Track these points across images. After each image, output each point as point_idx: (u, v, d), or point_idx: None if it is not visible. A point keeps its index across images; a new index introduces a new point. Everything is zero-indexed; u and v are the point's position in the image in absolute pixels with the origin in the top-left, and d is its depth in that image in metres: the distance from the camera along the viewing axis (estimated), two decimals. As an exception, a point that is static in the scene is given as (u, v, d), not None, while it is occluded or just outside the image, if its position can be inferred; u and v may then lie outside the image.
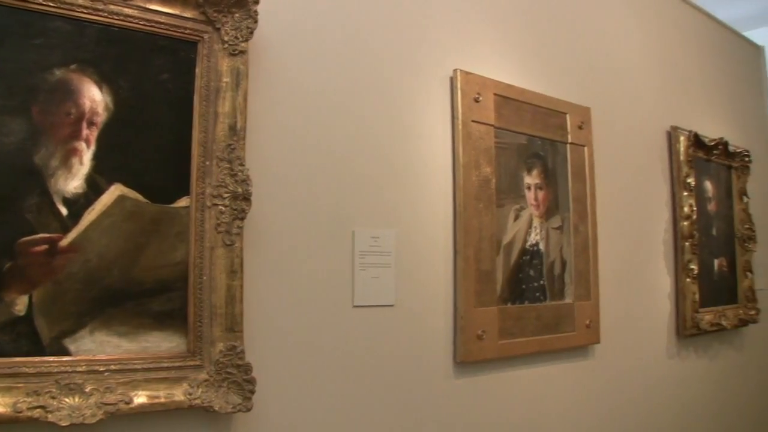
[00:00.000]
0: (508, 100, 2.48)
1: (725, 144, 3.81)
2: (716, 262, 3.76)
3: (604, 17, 3.20)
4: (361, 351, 1.97)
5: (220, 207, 1.61)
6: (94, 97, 1.47)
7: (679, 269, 3.37)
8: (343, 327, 1.93)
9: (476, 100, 2.35)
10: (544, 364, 2.59)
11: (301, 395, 1.82)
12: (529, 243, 2.53)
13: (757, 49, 4.87)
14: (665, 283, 3.34)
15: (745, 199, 4.01)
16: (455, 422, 2.23)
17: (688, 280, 3.37)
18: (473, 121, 2.33)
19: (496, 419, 2.38)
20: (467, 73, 2.34)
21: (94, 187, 1.45)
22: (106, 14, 1.50)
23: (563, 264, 2.67)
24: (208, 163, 1.61)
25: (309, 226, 1.88)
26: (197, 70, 1.63)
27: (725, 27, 4.41)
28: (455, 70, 2.32)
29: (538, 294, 2.56)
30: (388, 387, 2.03)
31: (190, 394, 1.54)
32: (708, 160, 3.72)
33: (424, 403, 2.13)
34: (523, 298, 2.49)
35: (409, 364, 2.10)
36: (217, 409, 1.56)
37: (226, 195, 1.61)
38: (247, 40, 1.68)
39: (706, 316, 3.48)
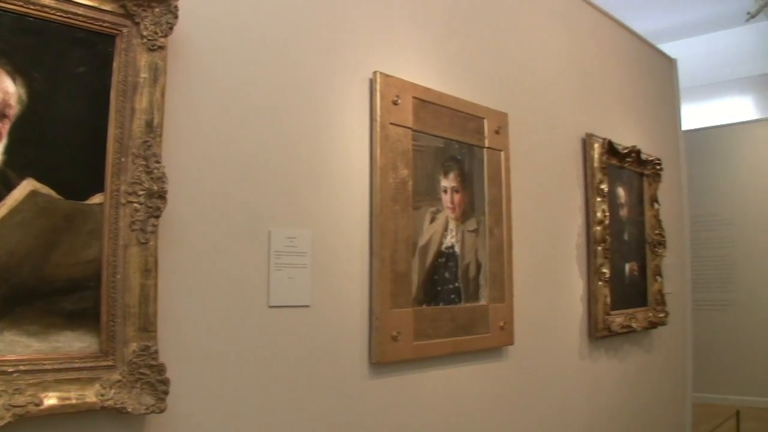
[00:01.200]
0: (427, 103, 2.66)
1: (638, 152, 4.13)
2: (627, 266, 4.08)
3: (524, 25, 3.43)
4: (276, 351, 2.08)
5: (135, 204, 1.68)
6: (7, 88, 1.51)
7: (592, 273, 3.65)
8: (258, 327, 2.04)
9: (395, 103, 2.50)
10: (459, 365, 2.78)
11: (216, 396, 1.92)
12: (444, 245, 2.70)
13: (671, 61, 5.28)
14: (578, 286, 3.61)
15: (656, 206, 4.36)
16: (370, 423, 2.37)
17: (600, 283, 3.65)
18: (391, 123, 2.48)
19: (410, 420, 2.54)
20: (387, 75, 2.49)
21: (4, 182, 1.50)
22: (21, 3, 1.53)
23: (478, 266, 2.87)
24: (123, 159, 1.68)
25: (225, 225, 1.97)
26: (115, 65, 1.69)
27: (641, 39, 4.77)
28: (375, 72, 2.46)
29: (453, 296, 2.74)
30: (303, 387, 2.15)
31: (102, 395, 1.59)
32: (621, 167, 4.02)
33: (339, 404, 2.27)
34: (438, 299, 2.66)
35: (324, 364, 2.23)
36: (130, 410, 1.62)
37: (141, 192, 1.68)
38: (166, 36, 1.75)
39: (617, 319, 3.77)
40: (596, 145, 3.78)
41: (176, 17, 1.76)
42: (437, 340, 2.62)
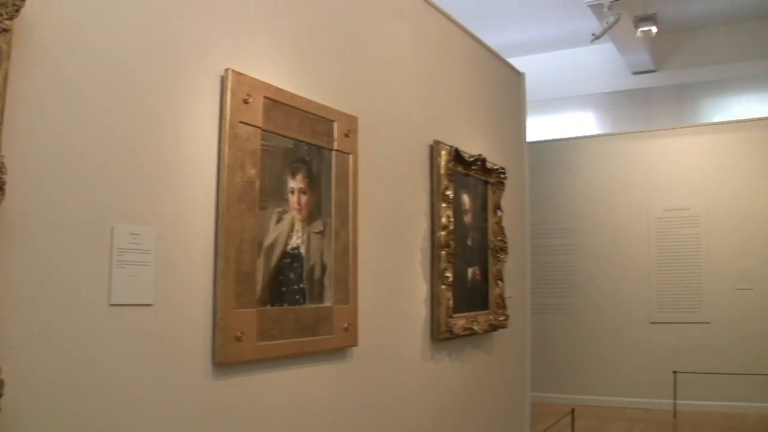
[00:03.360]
0: (278, 103, 2.81)
1: (483, 160, 4.50)
2: (470, 270, 4.44)
3: (377, 31, 3.68)
4: (117, 351, 2.13)
5: (-31, 195, 1.68)
6: None
7: (435, 276, 3.96)
8: (98, 327, 2.08)
9: (246, 102, 2.63)
10: (303, 366, 2.94)
11: (54, 397, 1.94)
12: (290, 246, 2.87)
13: (519, 75, 5.78)
14: (422, 289, 3.90)
15: (499, 213, 4.77)
16: (213, 425, 2.47)
17: (443, 286, 3.96)
18: (241, 122, 2.61)
19: (254, 421, 2.66)
20: (239, 73, 2.62)
21: None
22: None
23: (323, 268, 3.06)
24: (-42, 147, 1.68)
25: (66, 219, 2.01)
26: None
27: (491, 52, 5.21)
28: (227, 70, 2.58)
29: (297, 297, 2.91)
30: (144, 387, 2.21)
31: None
32: (467, 174, 4.38)
33: (181, 405, 2.34)
34: (282, 300, 2.81)
35: (166, 365, 2.30)
36: (-40, 410, 1.63)
37: (-24, 182, 1.69)
38: (12, 18, 1.75)
39: (460, 321, 4.09)
40: (443, 152, 4.09)
41: (24, -1, 1.77)
42: (281, 341, 2.76)
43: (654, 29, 6.95)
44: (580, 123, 9.26)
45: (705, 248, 7.52)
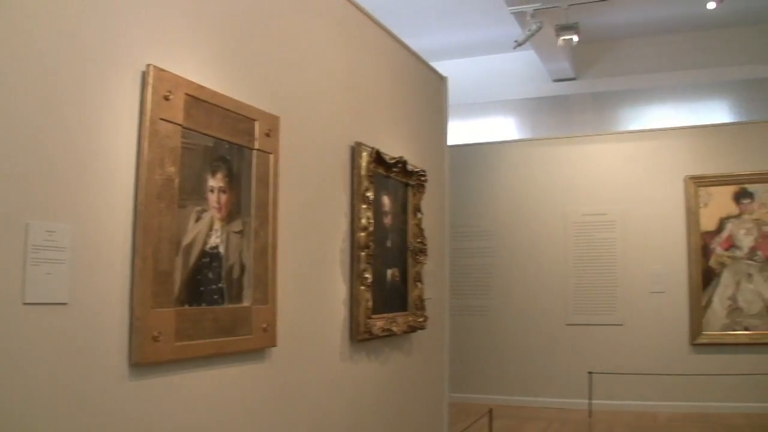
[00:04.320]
0: (199, 101, 2.85)
1: (404, 163, 4.64)
2: (389, 272, 4.57)
3: (300, 30, 3.75)
4: (31, 351, 2.12)
5: None
6: None
7: (355, 277, 4.06)
8: (11, 326, 2.07)
9: (166, 98, 2.66)
10: (221, 366, 2.98)
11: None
12: (209, 245, 2.91)
13: (442, 79, 5.96)
14: (341, 289, 4.00)
15: (419, 215, 4.92)
16: (129, 426, 2.48)
17: (362, 287, 4.07)
18: (162, 119, 2.63)
19: (172, 422, 2.68)
20: (160, 69, 2.64)
21: None
22: None
23: (242, 267, 3.12)
24: None
25: (-22, 215, 2.00)
26: None
27: (415, 55, 5.37)
28: (148, 66, 2.60)
29: (216, 296, 2.95)
30: (59, 388, 2.21)
31: None
32: (387, 176, 4.51)
33: (97, 406, 2.34)
34: (201, 300, 2.85)
35: (81, 365, 2.29)
36: None
37: None
38: None
39: (378, 322, 4.21)
40: (364, 154, 4.20)
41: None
42: (200, 341, 2.79)
43: (575, 38, 7.21)
44: (500, 128, 9.57)
45: (620, 252, 7.92)
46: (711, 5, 6.65)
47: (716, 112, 8.92)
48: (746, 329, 7.42)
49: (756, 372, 7.16)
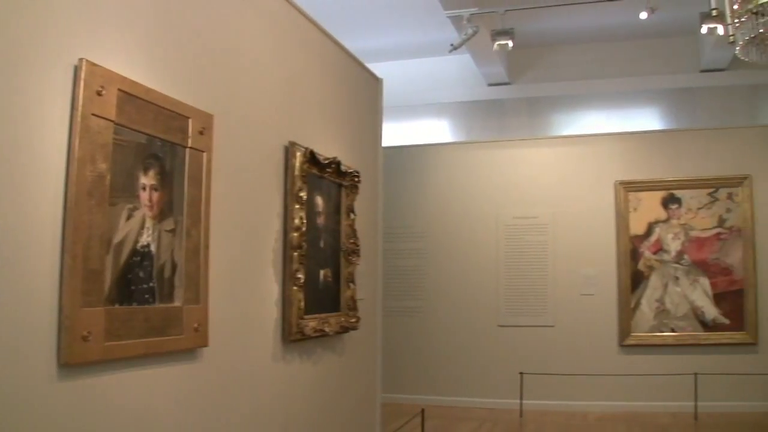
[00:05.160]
0: (133, 97, 2.86)
1: (338, 163, 4.72)
2: (322, 272, 4.65)
3: (236, 29, 3.80)
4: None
5: None
6: None
7: (287, 277, 4.13)
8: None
9: (99, 94, 2.66)
10: (152, 367, 2.99)
11: None
12: (140, 244, 2.93)
13: (377, 80, 6.07)
14: (273, 290, 4.06)
15: (352, 216, 5.01)
16: (58, 427, 2.47)
17: (294, 288, 4.14)
18: (93, 114, 2.64)
19: (101, 423, 2.68)
20: (93, 64, 2.64)
21: None
22: None
23: (174, 267, 3.14)
24: None
25: None
26: None
27: (350, 56, 5.46)
28: (81, 60, 2.60)
29: (147, 296, 2.96)
30: (-18, 388, 2.20)
31: None
32: (321, 176, 4.58)
33: (24, 408, 2.33)
34: (131, 299, 2.86)
35: (8, 365, 2.27)
36: None
37: None
38: None
39: (311, 323, 4.28)
40: (298, 154, 4.27)
41: None
42: (130, 341, 2.80)
43: (510, 43, 7.38)
44: (435, 130, 9.74)
45: (551, 255, 8.17)
46: (643, 15, 6.91)
47: (646, 120, 9.30)
48: (673, 331, 7.76)
49: (682, 372, 7.50)
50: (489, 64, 8.85)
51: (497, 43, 7.40)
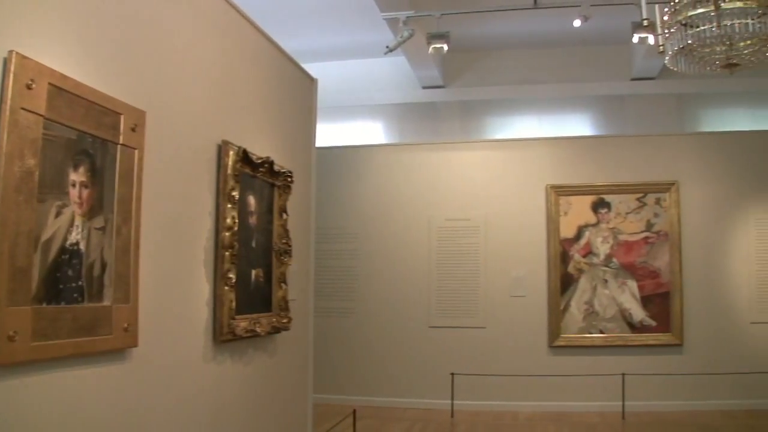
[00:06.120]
0: (63, 91, 2.84)
1: (271, 163, 4.77)
2: (254, 272, 4.69)
3: (172, 26, 3.80)
4: None
5: None
6: None
7: (219, 277, 4.15)
8: None
9: (29, 87, 2.64)
10: (80, 367, 2.96)
11: None
12: (69, 242, 2.90)
13: (312, 80, 6.13)
14: (205, 289, 4.08)
15: (285, 216, 5.07)
16: (-19, 430, 2.45)
17: (226, 287, 4.17)
18: (23, 108, 2.61)
19: (28, 426, 2.65)
20: (23, 57, 2.62)
21: None
22: None
23: (103, 265, 3.12)
24: None
25: None
26: None
27: (285, 55, 5.51)
28: (10, 52, 2.57)
29: (75, 295, 2.94)
30: None
31: None
32: (254, 176, 4.62)
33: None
34: (59, 298, 2.84)
35: None
36: None
37: None
38: None
39: (242, 323, 4.32)
40: (231, 153, 4.29)
41: None
42: (58, 341, 2.77)
43: (445, 47, 7.52)
44: (369, 132, 9.87)
45: (483, 257, 8.37)
46: (577, 23, 7.16)
47: (577, 125, 9.63)
48: (601, 332, 8.06)
49: (610, 372, 7.81)
50: (424, 67, 9.01)
51: (432, 46, 7.53)
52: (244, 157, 4.41)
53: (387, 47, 7.47)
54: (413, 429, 7.16)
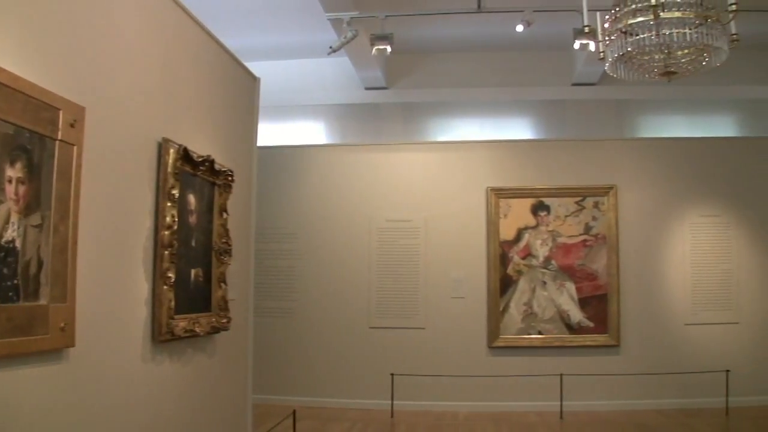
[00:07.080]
0: (0, 84, 2.79)
1: (212, 162, 4.78)
2: (193, 272, 4.69)
3: (113, 21, 3.79)
4: None
5: None
6: None
7: (158, 276, 4.16)
8: None
9: (-38, 81, 2.62)
10: (15, 368, 2.92)
11: None
12: (4, 239, 2.86)
13: (255, 79, 6.15)
14: (143, 288, 4.07)
15: (225, 215, 5.08)
16: None
17: (165, 287, 4.17)
18: (-44, 103, 2.59)
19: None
20: (-44, 51, 2.60)
21: None
22: None
23: (40, 264, 3.08)
24: None
25: None
26: None
27: (228, 53, 5.52)
28: (-58, 46, 2.56)
29: (11, 294, 2.90)
30: None
31: None
32: (194, 174, 4.63)
33: None
34: (-6, 297, 2.80)
35: None
36: None
37: None
38: None
39: (181, 323, 4.32)
40: (172, 151, 4.29)
41: None
42: (-8, 341, 2.74)
43: (389, 49, 7.59)
44: (311, 132, 9.90)
45: (423, 258, 8.48)
46: (519, 28, 7.32)
47: (518, 129, 9.84)
48: (540, 333, 8.26)
49: (548, 373, 7.99)
50: (367, 68, 9.07)
51: (376, 47, 7.60)
52: (185, 155, 4.41)
53: (330, 47, 7.52)
54: (353, 429, 7.22)
